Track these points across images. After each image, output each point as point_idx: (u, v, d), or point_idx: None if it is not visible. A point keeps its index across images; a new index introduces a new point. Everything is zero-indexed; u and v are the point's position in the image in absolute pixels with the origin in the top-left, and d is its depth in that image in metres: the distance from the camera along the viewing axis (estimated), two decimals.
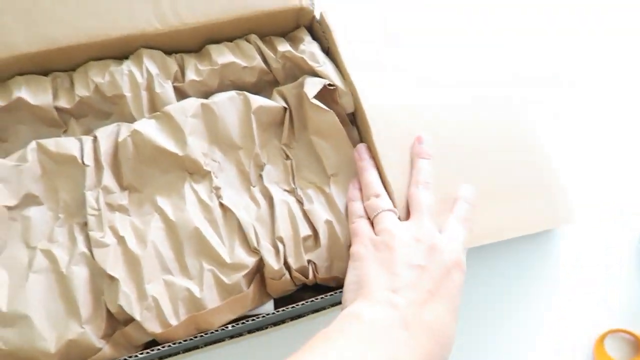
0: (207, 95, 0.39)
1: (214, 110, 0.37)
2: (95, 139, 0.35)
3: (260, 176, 0.37)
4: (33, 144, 0.34)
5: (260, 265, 0.34)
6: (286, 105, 0.39)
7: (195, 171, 0.36)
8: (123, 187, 0.35)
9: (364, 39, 0.39)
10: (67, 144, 0.35)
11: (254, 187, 0.37)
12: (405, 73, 0.38)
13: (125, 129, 0.35)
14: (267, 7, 0.39)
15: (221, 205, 0.35)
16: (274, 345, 0.40)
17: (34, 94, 0.36)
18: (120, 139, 0.35)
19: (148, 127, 0.35)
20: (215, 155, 0.37)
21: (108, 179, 0.35)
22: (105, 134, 0.35)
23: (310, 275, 0.34)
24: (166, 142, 0.35)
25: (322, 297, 0.34)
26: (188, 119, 0.36)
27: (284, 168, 0.38)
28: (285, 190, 0.37)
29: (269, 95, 0.40)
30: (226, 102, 0.37)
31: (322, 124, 0.38)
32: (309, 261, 0.34)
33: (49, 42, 0.36)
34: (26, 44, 0.35)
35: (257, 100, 0.38)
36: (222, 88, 0.40)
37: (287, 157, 0.38)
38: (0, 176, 0.33)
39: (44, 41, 0.36)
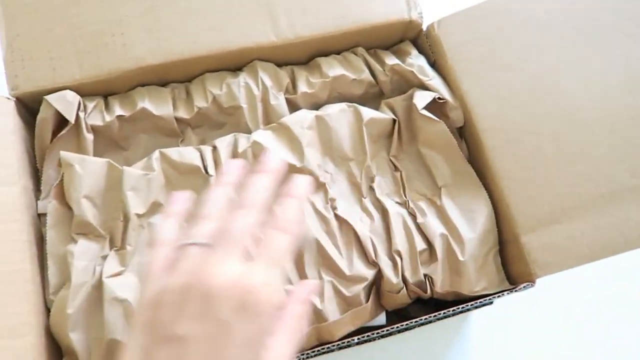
0: (316, 106, 0.40)
1: (327, 122, 0.37)
2: (214, 149, 0.36)
3: (371, 188, 0.38)
4: (157, 154, 0.35)
5: (377, 278, 0.34)
6: (395, 117, 0.39)
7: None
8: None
9: (475, 50, 0.38)
10: (188, 154, 0.36)
11: (365, 198, 0.37)
12: (522, 83, 0.37)
13: (243, 140, 0.36)
14: (377, 21, 0.39)
15: (337, 216, 0.36)
16: (378, 355, 0.41)
17: (156, 104, 0.37)
18: (240, 150, 0.36)
19: (267, 139, 0.36)
20: (327, 167, 0.37)
21: None
22: (224, 144, 0.36)
23: (428, 290, 0.34)
24: (285, 154, 0.36)
25: (434, 316, 0.34)
26: (305, 131, 0.37)
27: (394, 180, 0.38)
28: (397, 203, 0.37)
29: (374, 107, 0.40)
30: (338, 114, 0.38)
31: (433, 134, 0.38)
32: (425, 275, 0.34)
33: (170, 55, 0.37)
34: (150, 56, 0.37)
35: (368, 113, 0.38)
36: (330, 100, 0.40)
37: (396, 169, 0.38)
38: (131, 184, 0.34)
39: (166, 54, 0.37)
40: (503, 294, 0.33)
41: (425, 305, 0.39)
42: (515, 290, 0.33)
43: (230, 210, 0.26)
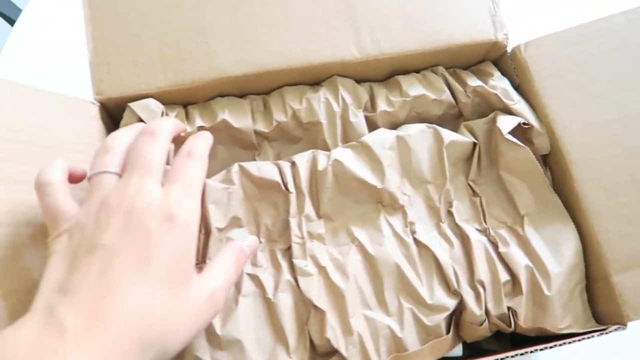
0: (394, 125, 0.39)
1: (408, 143, 0.36)
2: (293, 164, 0.35)
3: (449, 212, 0.36)
4: (236, 167, 0.35)
5: (459, 308, 0.33)
6: (475, 141, 0.38)
7: (389, 204, 0.36)
8: (319, 216, 0.35)
9: (565, 76, 0.37)
10: (267, 169, 0.35)
11: (442, 223, 0.36)
12: (615, 114, 0.35)
13: (323, 157, 0.35)
14: (462, 40, 0.38)
15: (416, 241, 0.35)
16: None
17: (235, 117, 0.36)
18: (320, 168, 0.35)
19: (347, 157, 0.35)
20: (405, 189, 0.36)
21: (308, 206, 0.35)
22: (303, 160, 0.35)
23: (512, 324, 0.33)
24: (365, 174, 0.35)
25: (521, 353, 0.32)
26: (386, 151, 0.36)
27: (472, 205, 0.37)
28: (477, 230, 0.36)
29: (452, 129, 0.39)
30: (418, 135, 0.37)
31: (516, 160, 0.37)
32: (508, 308, 0.33)
33: (252, 66, 0.36)
34: (233, 66, 0.36)
35: (449, 135, 0.37)
36: (408, 119, 0.39)
37: (475, 194, 0.37)
38: (212, 198, 0.33)
39: (249, 65, 0.36)
40: (592, 336, 0.32)
41: (497, 337, 0.38)
42: (605, 332, 0.32)
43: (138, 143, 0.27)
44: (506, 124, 0.37)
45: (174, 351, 0.23)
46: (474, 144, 0.38)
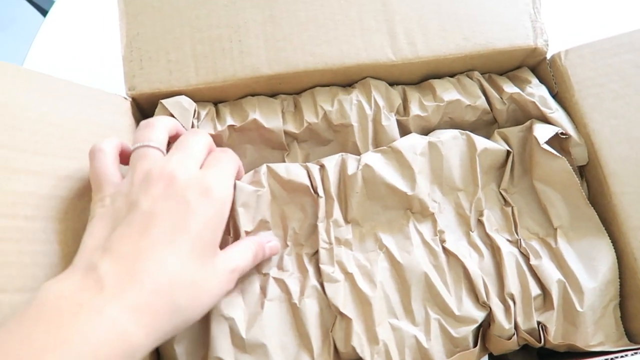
0: (426, 130, 0.38)
1: (440, 150, 0.36)
2: (322, 167, 0.35)
3: (480, 222, 0.36)
4: (264, 168, 0.34)
5: (487, 321, 0.33)
6: (509, 148, 0.37)
7: (418, 211, 0.35)
8: (347, 221, 0.34)
9: (607, 86, 0.36)
10: (296, 171, 0.34)
11: (472, 232, 0.35)
12: None
13: (353, 161, 0.35)
14: (500, 45, 0.37)
15: (445, 250, 0.34)
16: None
17: (266, 117, 0.36)
18: (350, 172, 0.34)
19: (378, 162, 0.35)
20: (435, 196, 0.36)
21: (337, 211, 0.34)
22: (332, 163, 0.35)
23: (542, 340, 0.32)
24: (396, 180, 0.34)
25: None
26: (417, 157, 0.35)
27: (503, 215, 0.36)
28: (508, 240, 0.35)
29: (484, 135, 0.38)
30: (451, 142, 0.36)
31: (551, 170, 0.36)
32: (538, 323, 0.32)
33: (286, 66, 0.36)
34: (266, 66, 0.36)
35: (482, 142, 0.36)
36: (441, 124, 0.39)
37: (507, 204, 0.36)
38: (242, 200, 0.33)
39: (282, 64, 0.36)
40: (625, 355, 0.31)
41: (524, 349, 0.37)
42: (639, 353, 0.31)
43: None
44: (543, 133, 0.36)
45: (194, 320, 0.25)
46: (508, 152, 0.37)
